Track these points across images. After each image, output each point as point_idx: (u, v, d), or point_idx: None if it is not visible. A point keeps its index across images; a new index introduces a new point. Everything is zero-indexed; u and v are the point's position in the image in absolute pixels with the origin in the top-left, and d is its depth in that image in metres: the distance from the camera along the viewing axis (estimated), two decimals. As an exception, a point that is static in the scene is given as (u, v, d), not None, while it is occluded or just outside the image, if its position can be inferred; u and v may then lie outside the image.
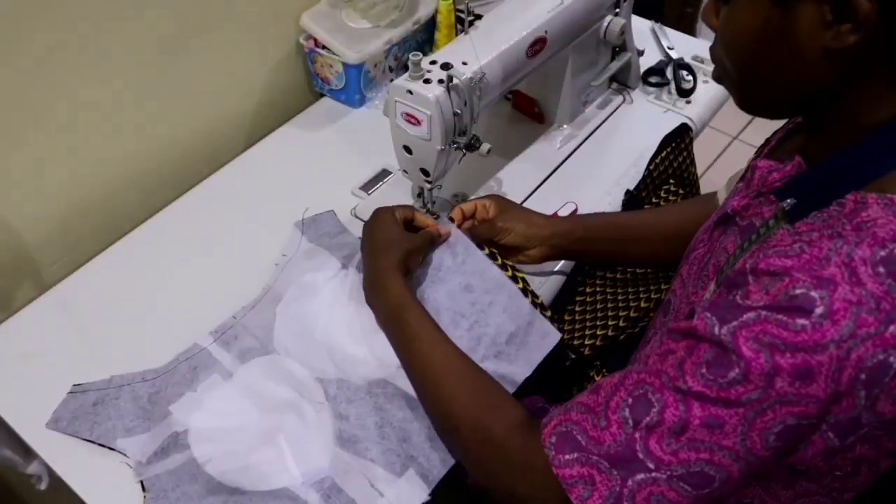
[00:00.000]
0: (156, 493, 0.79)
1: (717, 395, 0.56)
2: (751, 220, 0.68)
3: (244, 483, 0.79)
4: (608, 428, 0.61)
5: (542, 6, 1.01)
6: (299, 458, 0.81)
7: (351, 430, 0.82)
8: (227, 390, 0.87)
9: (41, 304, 0.99)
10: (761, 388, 0.55)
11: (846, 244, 0.54)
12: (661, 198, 1.19)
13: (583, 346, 1.03)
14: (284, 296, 0.95)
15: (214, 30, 1.10)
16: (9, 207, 0.96)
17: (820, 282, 0.53)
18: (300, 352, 0.90)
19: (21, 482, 1.04)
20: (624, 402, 0.62)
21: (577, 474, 0.62)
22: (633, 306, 1.06)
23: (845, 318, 0.52)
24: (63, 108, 0.96)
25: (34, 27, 0.88)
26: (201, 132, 1.17)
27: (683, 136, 1.22)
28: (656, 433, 0.59)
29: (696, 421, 0.57)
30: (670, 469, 0.59)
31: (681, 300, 0.76)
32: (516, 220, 0.94)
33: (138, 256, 1.04)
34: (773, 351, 0.54)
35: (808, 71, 0.59)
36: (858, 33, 0.54)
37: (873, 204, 0.56)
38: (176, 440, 0.82)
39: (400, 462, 0.80)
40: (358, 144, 1.21)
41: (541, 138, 1.22)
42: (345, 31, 1.19)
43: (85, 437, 0.83)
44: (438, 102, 0.89)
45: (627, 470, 0.60)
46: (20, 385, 0.90)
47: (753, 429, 0.56)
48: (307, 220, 1.07)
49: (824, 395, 0.54)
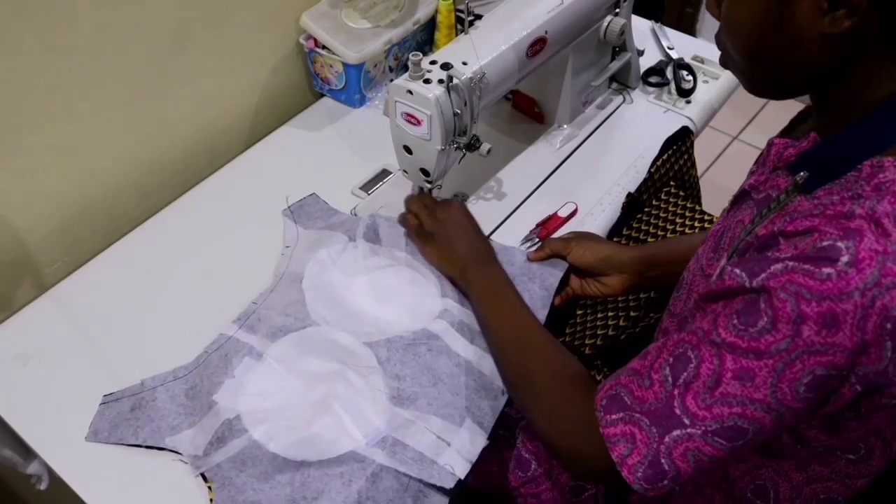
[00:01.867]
0: (220, 481, 0.79)
1: (748, 345, 0.58)
2: (767, 192, 0.70)
3: (311, 454, 0.80)
4: (651, 387, 0.64)
5: (542, 6, 1.01)
6: (358, 422, 0.82)
7: (409, 388, 0.85)
8: (264, 369, 0.87)
9: (41, 304, 0.99)
10: (789, 338, 0.56)
11: (868, 200, 0.56)
12: (661, 200, 1.19)
13: (583, 345, 1.03)
14: (305, 272, 0.97)
15: (214, 30, 1.10)
16: (9, 207, 0.96)
17: (847, 233, 0.55)
18: (340, 320, 0.92)
19: (21, 482, 1.04)
20: (666, 362, 0.64)
21: (620, 432, 0.65)
22: (633, 306, 1.06)
23: (871, 266, 0.53)
24: (63, 108, 0.96)
25: (34, 27, 0.88)
26: (201, 132, 1.17)
27: (685, 139, 1.22)
28: (692, 389, 0.61)
29: (729, 374, 0.59)
30: (705, 424, 0.61)
31: (694, 274, 0.78)
32: (592, 240, 0.98)
33: (138, 256, 1.04)
34: (800, 299, 0.55)
35: (808, 55, 0.61)
36: (853, 18, 0.56)
37: (890, 167, 0.58)
38: (230, 427, 0.81)
39: (458, 413, 0.83)
40: (358, 144, 1.21)
41: (541, 138, 1.22)
42: (345, 31, 1.19)
43: (130, 442, 0.83)
44: (438, 102, 0.89)
45: (665, 427, 0.62)
46: (20, 385, 0.90)
47: (783, 380, 0.57)
48: (293, 206, 1.08)
49: (850, 343, 0.55)
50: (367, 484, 0.77)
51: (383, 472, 0.78)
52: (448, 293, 0.94)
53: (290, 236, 1.04)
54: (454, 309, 0.92)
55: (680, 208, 1.20)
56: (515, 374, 0.83)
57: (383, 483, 0.78)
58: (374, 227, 1.01)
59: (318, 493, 0.77)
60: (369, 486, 0.77)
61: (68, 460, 0.83)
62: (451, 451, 0.80)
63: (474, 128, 0.95)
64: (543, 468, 0.92)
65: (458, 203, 0.98)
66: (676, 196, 1.21)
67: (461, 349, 0.89)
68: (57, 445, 0.84)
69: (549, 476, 0.92)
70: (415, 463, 0.79)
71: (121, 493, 0.80)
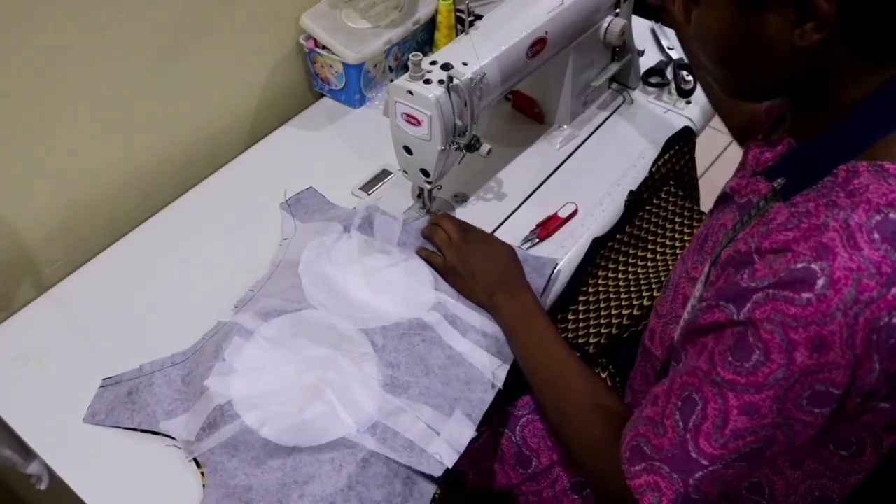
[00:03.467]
0: (212, 466, 0.79)
1: (747, 380, 0.59)
2: (748, 197, 0.71)
3: (302, 440, 0.80)
4: (665, 434, 0.65)
5: (543, 6, 1.01)
6: (350, 408, 0.83)
7: (403, 377, 0.86)
8: (253, 348, 0.88)
9: (41, 304, 0.99)
10: (784, 366, 0.57)
11: (842, 210, 0.56)
12: (661, 199, 1.19)
13: (587, 343, 1.03)
14: (302, 258, 0.98)
15: (214, 30, 1.10)
16: (9, 207, 0.96)
17: (819, 253, 0.55)
18: (337, 305, 0.93)
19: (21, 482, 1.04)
20: (675, 407, 0.65)
21: (646, 483, 0.66)
22: (636, 304, 1.06)
23: (847, 286, 0.54)
24: (63, 108, 0.96)
25: (34, 27, 0.88)
26: (201, 132, 1.17)
27: (687, 139, 1.22)
28: (703, 431, 0.62)
29: (735, 411, 0.60)
30: (723, 460, 0.62)
31: (680, 275, 0.78)
32: None
33: (138, 256, 1.04)
34: (786, 329, 0.56)
35: (779, 64, 0.62)
36: (822, 31, 0.57)
37: (864, 172, 0.58)
38: (222, 412, 0.82)
39: (448, 404, 0.84)
40: (358, 144, 1.21)
41: (541, 138, 1.22)
42: (345, 31, 1.19)
43: (126, 425, 0.84)
44: (438, 103, 0.89)
45: (686, 472, 0.63)
46: (20, 385, 0.89)
47: (787, 403, 0.59)
48: (291, 200, 1.09)
49: (844, 361, 0.56)
50: (357, 469, 0.78)
51: (373, 458, 0.79)
52: (441, 286, 0.95)
53: (288, 229, 1.05)
54: (448, 303, 0.94)
55: (679, 207, 1.20)
56: (550, 409, 0.84)
57: (373, 469, 0.79)
58: (370, 219, 1.02)
59: (308, 477, 0.78)
60: (359, 472, 0.78)
61: (68, 460, 0.83)
62: (440, 440, 0.81)
63: (474, 128, 0.95)
64: (544, 465, 0.92)
65: (478, 231, 0.99)
66: (676, 195, 1.21)
67: (454, 342, 0.90)
68: (57, 445, 0.84)
69: (550, 473, 0.92)
70: (404, 450, 0.80)
71: (121, 493, 0.80)
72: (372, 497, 0.77)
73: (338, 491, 0.77)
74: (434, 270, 0.97)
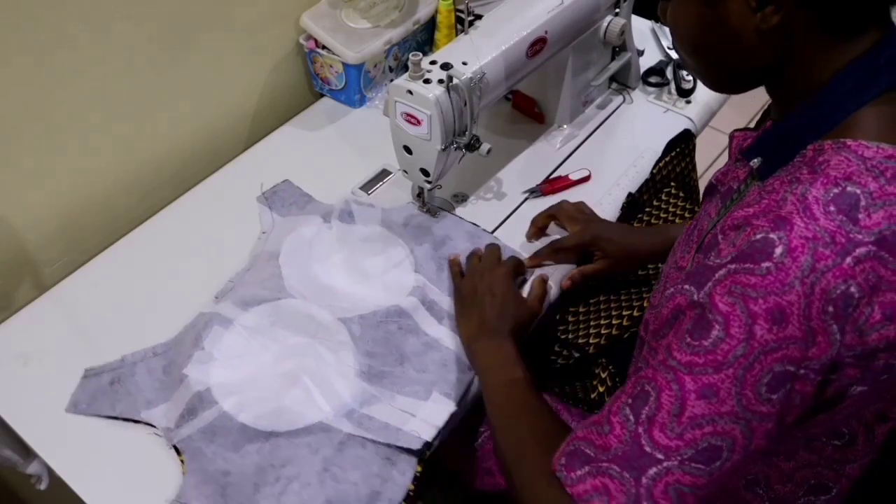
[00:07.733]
0: (191, 452, 0.81)
1: (706, 359, 0.58)
2: (729, 184, 0.72)
3: (280, 425, 0.82)
4: (612, 432, 0.62)
5: (542, 6, 1.01)
6: (327, 394, 0.84)
7: (378, 366, 0.88)
8: (232, 337, 0.89)
9: (41, 304, 0.99)
10: (744, 341, 0.56)
11: (801, 185, 0.58)
12: (661, 200, 1.19)
13: (587, 344, 1.03)
14: (282, 249, 0.99)
15: (214, 30, 1.10)
16: (9, 207, 0.96)
17: (777, 223, 0.56)
18: (315, 295, 0.94)
19: (21, 482, 1.04)
20: (624, 404, 0.62)
21: (591, 487, 0.60)
22: (636, 305, 1.06)
23: (803, 253, 0.55)
24: (63, 108, 0.96)
25: (34, 27, 0.88)
26: (201, 132, 1.17)
27: (687, 142, 1.22)
28: (657, 422, 0.59)
29: (692, 395, 0.58)
30: (679, 454, 0.59)
31: (670, 266, 0.79)
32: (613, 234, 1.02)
33: (138, 256, 1.04)
34: (747, 299, 0.56)
35: (749, 51, 0.64)
36: (780, 13, 0.60)
37: (828, 149, 0.60)
38: (201, 399, 0.83)
39: (423, 389, 0.86)
40: (358, 144, 1.21)
41: (541, 138, 1.22)
42: (345, 31, 1.19)
43: (107, 414, 0.85)
44: (438, 102, 0.89)
45: (638, 469, 0.59)
46: (20, 385, 0.90)
47: (746, 386, 0.57)
48: (267, 193, 1.10)
49: (800, 333, 0.55)
50: (333, 451, 0.80)
51: (350, 441, 0.81)
52: (421, 269, 0.97)
53: (266, 222, 1.06)
54: (426, 287, 0.95)
55: (679, 209, 1.20)
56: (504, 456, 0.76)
57: (350, 451, 0.81)
58: (349, 210, 1.03)
59: (285, 460, 0.80)
60: (336, 454, 0.80)
61: (68, 460, 0.83)
62: (416, 420, 0.83)
63: (474, 128, 0.95)
64: None
65: (503, 270, 0.94)
66: (676, 197, 1.21)
67: (430, 328, 0.92)
68: (57, 445, 0.84)
69: None
70: (381, 430, 0.82)
71: (121, 492, 0.80)
72: (348, 478, 0.79)
73: (314, 473, 0.78)
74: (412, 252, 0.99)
